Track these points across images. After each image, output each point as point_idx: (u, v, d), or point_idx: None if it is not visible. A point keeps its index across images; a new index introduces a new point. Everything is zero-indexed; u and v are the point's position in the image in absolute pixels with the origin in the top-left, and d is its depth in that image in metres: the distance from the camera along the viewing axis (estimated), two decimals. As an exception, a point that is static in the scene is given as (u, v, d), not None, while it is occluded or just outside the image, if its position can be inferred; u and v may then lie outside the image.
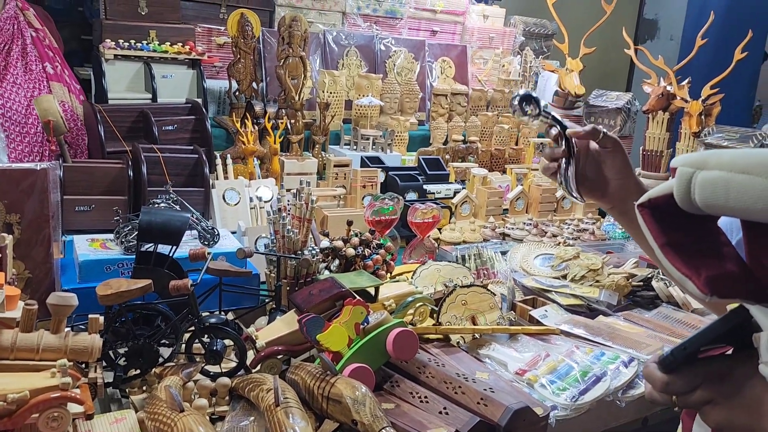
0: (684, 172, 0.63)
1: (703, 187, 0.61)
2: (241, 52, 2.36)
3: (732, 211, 0.61)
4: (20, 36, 1.94)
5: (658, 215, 0.67)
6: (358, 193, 2.16)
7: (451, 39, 3.17)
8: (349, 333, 1.18)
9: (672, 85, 2.73)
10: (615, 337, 1.46)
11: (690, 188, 0.62)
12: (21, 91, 1.88)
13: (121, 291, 1.08)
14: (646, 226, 0.68)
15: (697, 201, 0.62)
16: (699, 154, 0.64)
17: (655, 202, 0.67)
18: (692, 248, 0.66)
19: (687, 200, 0.63)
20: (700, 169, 0.62)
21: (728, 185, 0.60)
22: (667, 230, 0.67)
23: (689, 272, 0.64)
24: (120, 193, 1.64)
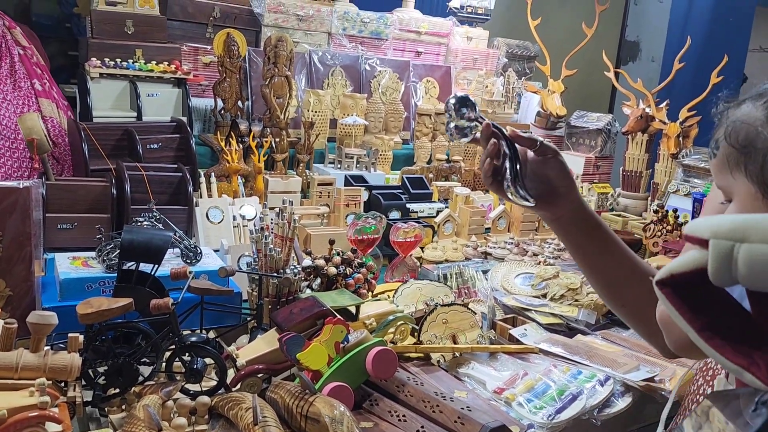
0: (722, 247, 0.55)
1: (752, 263, 0.53)
2: (227, 71, 2.38)
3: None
4: (8, 54, 1.96)
5: (684, 293, 0.59)
6: (341, 211, 2.18)
7: (435, 60, 3.22)
8: (329, 351, 1.19)
9: (651, 107, 2.79)
10: (592, 355, 1.48)
11: (731, 264, 0.54)
12: (11, 107, 1.90)
13: (102, 310, 1.09)
14: (674, 307, 0.60)
15: (743, 278, 0.54)
16: (733, 223, 0.56)
17: (679, 278, 0.59)
18: (732, 329, 0.58)
19: (728, 277, 0.55)
20: (741, 242, 0.54)
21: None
22: (700, 310, 0.59)
23: (744, 361, 0.56)
24: (103, 211, 1.64)
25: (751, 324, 0.58)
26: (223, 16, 2.63)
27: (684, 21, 5.64)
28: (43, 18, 4.39)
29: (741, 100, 0.76)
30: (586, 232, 1.03)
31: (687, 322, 0.58)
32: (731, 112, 0.75)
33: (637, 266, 1.03)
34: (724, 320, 0.58)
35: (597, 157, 3.10)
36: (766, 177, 0.70)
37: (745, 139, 0.72)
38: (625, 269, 1.03)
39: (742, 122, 0.73)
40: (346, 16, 2.90)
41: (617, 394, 1.34)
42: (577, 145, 3.19)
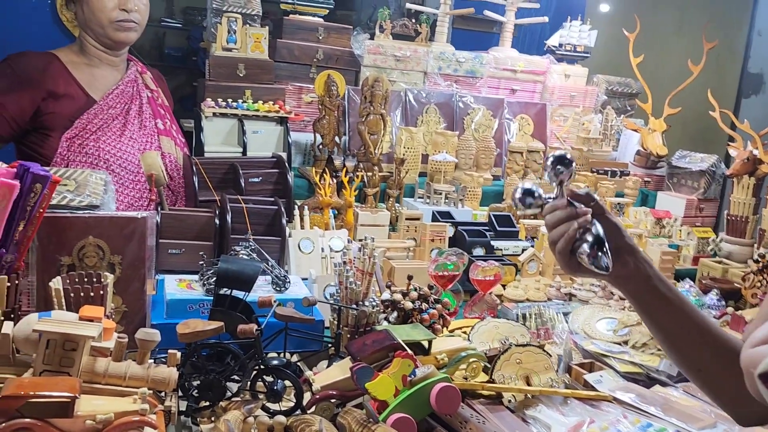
0: None
1: None
2: (326, 109, 2.55)
3: None
4: (138, 97, 2.24)
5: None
6: (427, 246, 2.25)
7: (530, 97, 3.24)
8: (396, 383, 1.26)
9: (758, 149, 2.65)
10: (668, 408, 1.45)
11: None
12: (136, 145, 2.16)
13: (197, 331, 1.23)
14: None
15: None
16: None
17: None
18: None
19: None
20: None
21: None
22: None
23: None
24: (207, 239, 1.83)
25: None
26: (325, 57, 2.82)
27: (811, 52, 5.26)
28: (174, 50, 4.90)
29: None
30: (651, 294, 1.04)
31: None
32: None
33: (708, 330, 1.02)
34: None
35: (700, 200, 2.98)
36: None
37: None
38: (692, 332, 1.02)
39: None
40: (442, 56, 3.00)
41: (688, 451, 1.31)
42: (678, 186, 3.07)
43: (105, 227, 1.44)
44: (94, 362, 1.12)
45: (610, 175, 3.01)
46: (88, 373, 1.10)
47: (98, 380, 1.12)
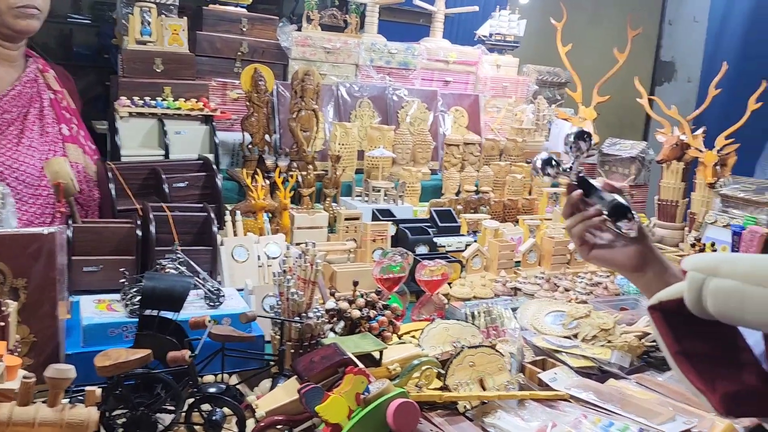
0: (695, 278, 0.61)
1: (716, 296, 0.59)
2: (254, 106, 2.40)
3: (748, 324, 0.58)
4: (38, 99, 1.99)
5: (671, 319, 0.65)
6: (368, 246, 2.16)
7: (464, 89, 3.20)
8: (349, 403, 1.16)
9: (686, 135, 2.71)
10: (626, 404, 1.41)
11: (701, 296, 0.60)
12: (36, 154, 1.92)
13: (120, 362, 1.08)
14: (658, 330, 0.65)
15: (710, 310, 0.59)
16: (711, 258, 0.61)
17: (666, 305, 0.64)
18: (707, 358, 0.63)
19: (699, 307, 0.61)
20: (712, 276, 0.59)
21: (743, 297, 0.57)
22: (681, 337, 0.64)
23: (704, 387, 0.61)
24: (128, 252, 1.65)
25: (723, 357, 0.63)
26: (250, 50, 2.66)
27: (720, 39, 5.51)
28: (83, 48, 4.55)
29: None
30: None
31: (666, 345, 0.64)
32: None
33: None
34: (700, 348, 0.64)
35: (631, 186, 3.02)
36: None
37: None
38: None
39: None
40: (374, 48, 2.90)
41: (653, 449, 1.27)
42: (609, 173, 3.11)
43: (5, 247, 1.25)
44: (-5, 409, 0.95)
45: (545, 164, 3.01)
46: (-11, 424, 0.94)
47: (1, 430, 0.96)
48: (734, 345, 0.64)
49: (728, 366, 0.62)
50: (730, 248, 2.30)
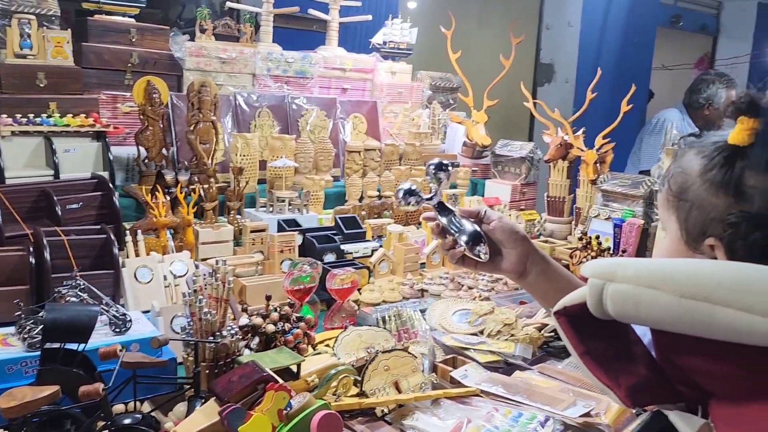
0: (595, 284, 0.65)
1: (615, 300, 0.64)
2: (149, 119, 2.32)
3: (644, 322, 0.65)
4: None
5: (575, 323, 0.70)
6: (276, 258, 2.15)
7: (361, 95, 3.26)
8: (272, 420, 1.16)
9: (569, 135, 2.92)
10: (532, 393, 1.52)
11: (602, 300, 0.65)
12: None
13: (26, 402, 1.03)
14: (564, 334, 0.70)
15: (610, 312, 0.65)
16: (608, 264, 0.67)
17: (570, 310, 0.69)
18: (608, 356, 0.68)
19: (600, 310, 0.66)
20: (610, 281, 0.64)
21: (638, 299, 0.63)
22: (585, 338, 0.69)
23: (610, 383, 0.67)
24: (21, 282, 1.55)
25: (621, 353, 0.69)
26: (141, 62, 2.56)
27: (592, 43, 5.97)
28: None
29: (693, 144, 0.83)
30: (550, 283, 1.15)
31: (573, 347, 0.69)
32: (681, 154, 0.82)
33: None
34: (602, 347, 0.69)
35: (522, 184, 3.21)
36: (688, 225, 0.78)
37: (679, 188, 0.80)
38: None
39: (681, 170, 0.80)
40: (270, 57, 2.89)
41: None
42: (503, 173, 3.29)
43: None
44: None
45: (443, 167, 3.12)
46: None
47: None
48: (628, 339, 0.71)
49: (626, 360, 0.69)
50: (612, 239, 2.51)
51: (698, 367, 0.65)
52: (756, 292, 0.58)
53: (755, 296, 0.58)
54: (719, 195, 0.76)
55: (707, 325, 0.60)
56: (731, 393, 0.63)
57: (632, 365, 0.68)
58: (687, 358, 0.66)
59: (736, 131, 0.76)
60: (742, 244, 0.73)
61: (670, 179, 0.83)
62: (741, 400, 0.62)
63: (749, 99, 0.75)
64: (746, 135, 0.75)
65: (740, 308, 0.58)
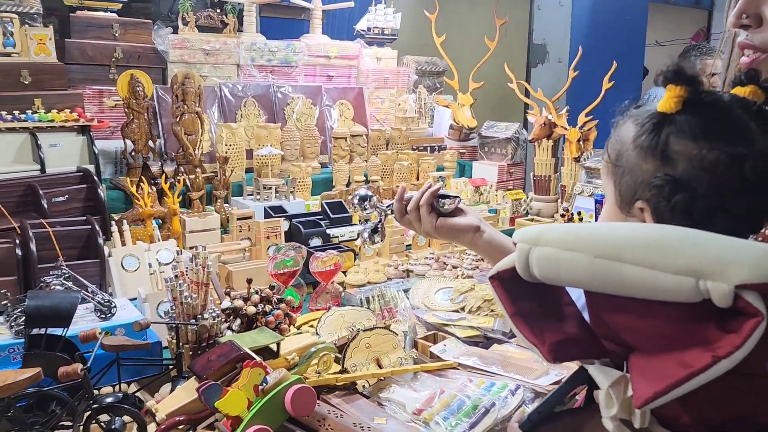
0: (522, 248, 0.69)
1: (539, 263, 0.67)
2: (134, 112, 2.36)
3: (565, 283, 0.68)
4: None
5: (507, 286, 0.73)
6: (263, 244, 2.20)
7: (347, 82, 3.28)
8: (248, 395, 1.21)
9: (552, 114, 2.95)
10: (507, 365, 1.56)
11: (528, 263, 0.68)
12: None
13: (8, 384, 1.08)
14: (498, 297, 0.73)
15: (536, 275, 0.68)
16: (534, 230, 0.70)
17: (503, 274, 0.73)
18: (537, 316, 0.72)
19: (527, 273, 0.69)
20: (535, 245, 0.68)
21: (558, 261, 0.66)
22: (516, 300, 0.72)
23: (535, 340, 0.70)
24: (9, 273, 1.60)
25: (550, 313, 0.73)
26: (125, 56, 2.60)
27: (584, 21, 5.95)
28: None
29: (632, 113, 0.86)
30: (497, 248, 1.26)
31: (504, 308, 0.72)
32: (619, 124, 0.86)
33: None
34: (532, 308, 0.72)
35: (509, 165, 3.24)
36: (621, 190, 0.82)
37: (616, 155, 0.84)
38: None
39: (617, 139, 0.84)
40: (254, 47, 2.92)
41: (528, 400, 1.42)
42: (489, 154, 3.32)
43: None
44: None
45: (429, 150, 3.16)
46: None
47: None
48: (559, 301, 0.75)
49: (554, 320, 0.73)
50: (595, 215, 2.55)
51: (626, 324, 0.69)
52: (664, 252, 0.62)
53: (662, 255, 0.62)
54: (647, 159, 0.79)
55: (618, 283, 0.63)
56: (650, 347, 0.67)
57: (560, 324, 0.72)
58: (616, 315, 0.70)
59: (664, 99, 0.79)
60: (666, 206, 0.77)
61: (609, 147, 0.86)
62: (656, 352, 0.66)
63: (676, 67, 0.79)
64: (673, 102, 0.79)
65: (647, 266, 0.61)
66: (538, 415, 0.76)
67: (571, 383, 0.74)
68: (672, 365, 0.63)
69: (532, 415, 0.77)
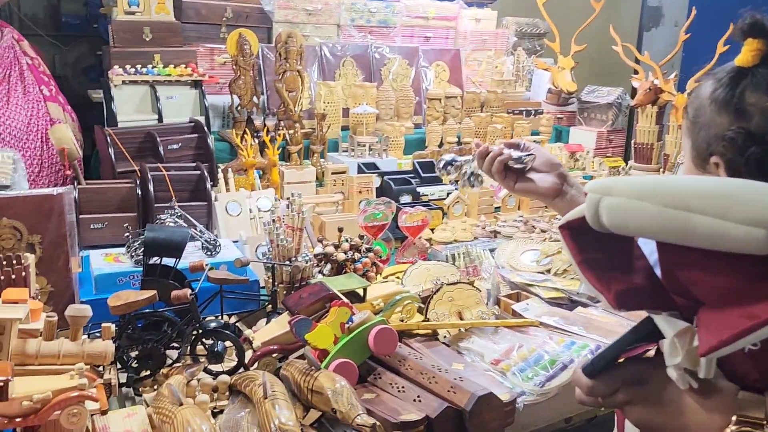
0: (592, 198, 0.70)
1: (608, 212, 0.68)
2: (240, 69, 2.50)
3: (633, 233, 0.69)
4: (17, 63, 2.17)
5: (576, 235, 0.74)
6: (355, 198, 2.29)
7: (444, 44, 3.28)
8: (335, 332, 1.31)
9: (659, 80, 2.81)
10: (589, 327, 1.57)
11: (598, 213, 0.69)
12: (23, 112, 2.10)
13: (130, 302, 1.23)
14: (566, 245, 0.75)
15: (605, 224, 0.69)
16: (606, 181, 0.71)
17: (572, 223, 0.74)
18: (605, 265, 0.73)
19: (597, 223, 0.70)
20: (606, 195, 0.69)
21: (627, 211, 0.67)
22: (584, 249, 0.74)
23: (601, 287, 0.71)
24: (130, 210, 1.79)
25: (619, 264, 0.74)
26: (235, 15, 2.74)
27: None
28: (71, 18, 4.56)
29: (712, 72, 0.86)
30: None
31: (572, 256, 0.74)
32: (701, 83, 0.86)
33: None
34: (600, 257, 0.73)
35: (609, 131, 3.14)
36: (697, 146, 0.82)
37: (694, 112, 0.83)
38: None
39: (696, 96, 0.84)
40: (354, 8, 2.98)
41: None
42: (589, 120, 3.22)
43: (19, 207, 1.38)
44: (24, 344, 1.09)
45: (525, 114, 3.12)
46: (20, 356, 1.08)
47: (31, 362, 1.10)
48: (629, 254, 0.75)
49: (622, 270, 0.73)
50: (697, 185, 2.43)
51: (697, 279, 0.69)
52: (734, 202, 0.62)
53: (732, 205, 0.61)
54: (722, 113, 0.78)
55: (687, 233, 0.64)
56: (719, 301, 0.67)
57: (627, 275, 0.73)
58: (688, 269, 0.70)
59: (742, 53, 0.78)
60: (740, 160, 0.76)
61: (688, 106, 0.85)
62: (724, 306, 0.66)
63: (753, 21, 0.77)
64: (751, 56, 0.77)
65: (716, 216, 0.61)
66: (601, 360, 0.78)
67: (636, 333, 0.75)
68: (738, 317, 0.63)
69: (595, 360, 0.78)
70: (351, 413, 1.06)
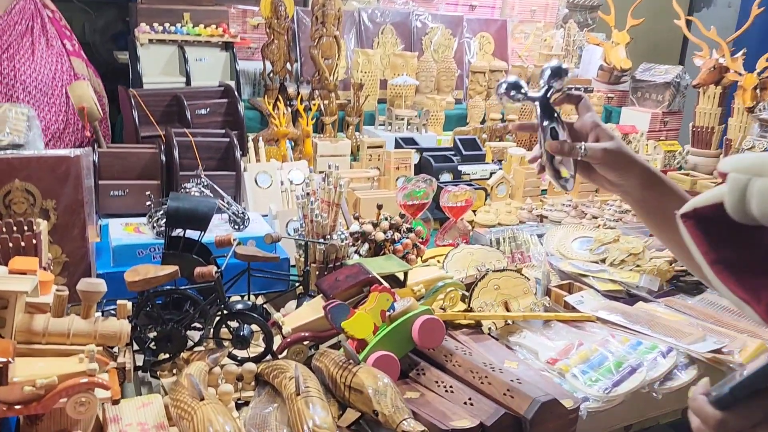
0: (737, 180, 0.56)
1: (763, 197, 0.54)
2: (274, 33, 2.35)
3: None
4: (39, 15, 2.04)
5: (706, 227, 0.60)
6: (391, 174, 2.13)
7: (490, 13, 3.08)
8: (374, 320, 1.16)
9: (725, 58, 2.59)
10: (654, 325, 1.40)
11: (745, 198, 0.55)
12: (48, 65, 1.98)
13: (149, 278, 1.09)
14: (692, 239, 0.60)
15: (755, 212, 0.55)
16: (754, 158, 0.56)
17: (701, 212, 0.60)
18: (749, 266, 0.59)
19: (741, 211, 0.56)
20: (758, 176, 0.55)
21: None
22: (718, 245, 0.60)
23: (747, 296, 0.57)
24: (153, 177, 1.66)
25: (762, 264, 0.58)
26: (270, -25, 2.57)
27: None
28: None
29: None
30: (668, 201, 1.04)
31: (702, 254, 0.60)
32: None
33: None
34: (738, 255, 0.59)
35: (664, 113, 2.92)
36: None
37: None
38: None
39: None
40: (396, -29, 2.80)
41: (681, 366, 1.26)
42: (642, 100, 3.01)
43: (33, 169, 1.26)
44: (30, 320, 0.97)
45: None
46: (25, 333, 0.96)
47: (37, 340, 0.98)
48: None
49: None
50: (767, 174, 2.23)
51: None
52: None
53: None
54: None
55: None
56: None
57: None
58: None
59: None
60: None
61: None
62: None
63: None
64: None
65: None
66: (742, 389, 0.61)
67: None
68: None
69: (735, 390, 0.61)
70: (396, 417, 0.92)
